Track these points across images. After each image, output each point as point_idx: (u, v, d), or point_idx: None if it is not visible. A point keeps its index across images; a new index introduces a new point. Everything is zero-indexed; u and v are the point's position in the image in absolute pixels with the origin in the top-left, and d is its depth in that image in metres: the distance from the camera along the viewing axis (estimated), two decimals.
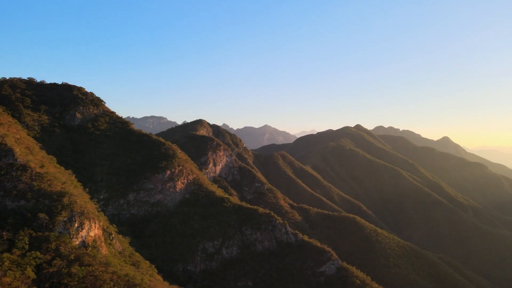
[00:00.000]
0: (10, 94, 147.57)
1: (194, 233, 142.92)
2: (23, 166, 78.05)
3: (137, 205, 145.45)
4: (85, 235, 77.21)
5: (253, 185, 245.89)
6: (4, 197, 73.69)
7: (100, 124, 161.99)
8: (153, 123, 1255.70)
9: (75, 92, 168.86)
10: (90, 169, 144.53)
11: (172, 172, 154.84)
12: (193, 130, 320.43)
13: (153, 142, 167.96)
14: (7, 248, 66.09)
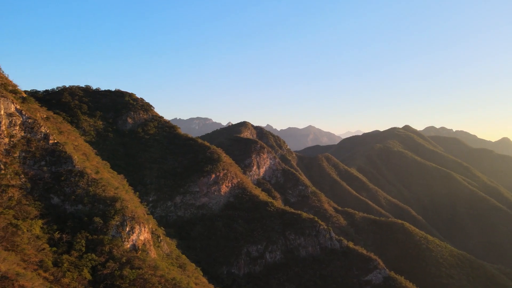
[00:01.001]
0: (69, 101, 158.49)
1: (238, 236, 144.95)
2: (81, 172, 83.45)
3: (184, 207, 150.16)
4: (135, 239, 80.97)
5: (296, 188, 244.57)
6: (64, 201, 79.21)
7: (149, 128, 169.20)
8: (199, 124, 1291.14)
9: (127, 98, 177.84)
10: (140, 172, 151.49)
11: (217, 176, 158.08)
12: (237, 132, 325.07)
13: (198, 146, 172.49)
14: (66, 249, 71.09)
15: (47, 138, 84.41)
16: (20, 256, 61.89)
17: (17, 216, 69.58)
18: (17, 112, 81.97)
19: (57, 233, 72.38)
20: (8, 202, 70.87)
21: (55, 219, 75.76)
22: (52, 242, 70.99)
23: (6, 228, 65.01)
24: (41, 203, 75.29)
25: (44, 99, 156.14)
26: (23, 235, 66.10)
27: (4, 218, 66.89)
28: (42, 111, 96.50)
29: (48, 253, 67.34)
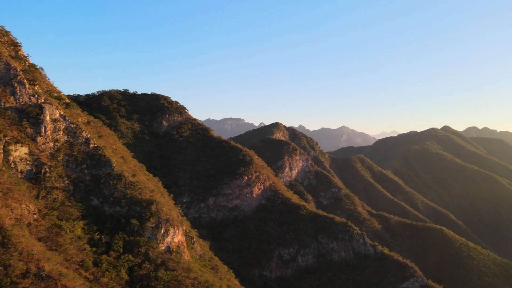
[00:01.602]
0: (108, 105, 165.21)
1: (270, 239, 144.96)
2: (119, 175, 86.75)
3: (216, 209, 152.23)
4: (170, 241, 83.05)
5: (329, 190, 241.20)
6: (103, 203, 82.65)
7: (184, 131, 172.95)
8: (232, 124, 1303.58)
9: (162, 101, 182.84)
10: (175, 174, 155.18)
11: (249, 178, 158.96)
12: (269, 133, 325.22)
13: (231, 148, 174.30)
14: (105, 250, 74.11)
15: (88, 142, 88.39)
16: (63, 255, 65.17)
17: (60, 217, 73.37)
18: (61, 117, 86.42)
19: (96, 234, 75.68)
20: (52, 204, 74.88)
21: (95, 220, 79.20)
22: (92, 243, 74.29)
23: (51, 229, 68.68)
24: (82, 205, 78.94)
25: (86, 103, 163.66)
26: (66, 236, 69.58)
27: (49, 219, 70.72)
28: (83, 116, 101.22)
29: (88, 253, 70.49)
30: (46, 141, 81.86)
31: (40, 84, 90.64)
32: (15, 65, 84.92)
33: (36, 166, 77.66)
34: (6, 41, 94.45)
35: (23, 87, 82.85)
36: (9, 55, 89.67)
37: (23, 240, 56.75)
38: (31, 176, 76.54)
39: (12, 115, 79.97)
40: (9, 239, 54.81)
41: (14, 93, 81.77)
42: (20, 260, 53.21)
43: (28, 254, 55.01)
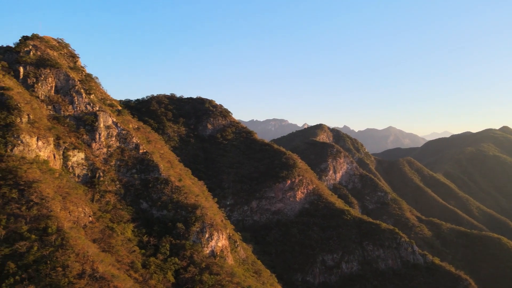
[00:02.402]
0: (156, 109, 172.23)
1: (313, 244, 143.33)
2: (166, 180, 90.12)
3: (259, 212, 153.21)
4: (214, 245, 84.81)
5: (375, 194, 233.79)
6: (152, 207, 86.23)
7: (227, 134, 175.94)
8: (275, 125, 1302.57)
9: (207, 105, 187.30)
10: (219, 176, 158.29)
11: (292, 182, 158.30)
12: (313, 135, 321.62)
13: (274, 151, 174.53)
14: (153, 252, 77.25)
15: (137, 148, 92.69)
16: (115, 257, 68.83)
17: (112, 219, 77.57)
18: (113, 124, 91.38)
19: (145, 236, 79.12)
20: (105, 207, 79.37)
21: (144, 223, 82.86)
22: (141, 245, 77.77)
23: (104, 231, 72.84)
24: (132, 208, 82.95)
25: (136, 107, 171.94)
26: (118, 238, 73.45)
27: (102, 221, 75.07)
28: (133, 122, 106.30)
29: (138, 255, 73.91)
30: (100, 147, 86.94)
31: (95, 92, 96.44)
32: (73, 76, 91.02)
33: (91, 171, 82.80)
34: (65, 53, 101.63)
35: (80, 96, 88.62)
36: (68, 66, 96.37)
37: (79, 242, 60.65)
38: (86, 180, 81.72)
39: (70, 122, 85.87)
40: (67, 241, 58.82)
41: (73, 102, 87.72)
42: (77, 261, 56.90)
43: (84, 256, 58.68)
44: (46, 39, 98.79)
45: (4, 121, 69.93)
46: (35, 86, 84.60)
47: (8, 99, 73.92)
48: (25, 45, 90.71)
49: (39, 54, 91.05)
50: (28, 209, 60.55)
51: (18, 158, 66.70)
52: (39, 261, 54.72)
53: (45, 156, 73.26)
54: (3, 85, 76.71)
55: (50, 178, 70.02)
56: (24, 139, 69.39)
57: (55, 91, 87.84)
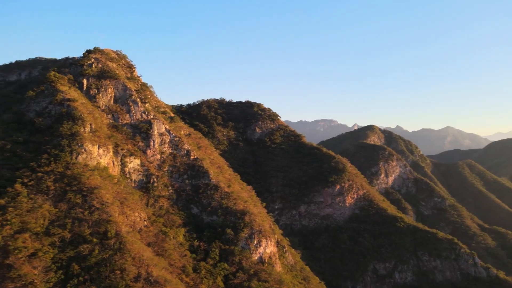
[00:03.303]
0: (206, 114, 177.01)
1: (364, 251, 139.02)
2: (215, 186, 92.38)
3: (308, 217, 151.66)
4: (262, 252, 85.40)
5: (431, 200, 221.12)
6: (202, 212, 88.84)
7: (276, 137, 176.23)
8: (324, 126, 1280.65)
9: (255, 109, 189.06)
10: (267, 180, 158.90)
11: (341, 187, 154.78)
12: (363, 136, 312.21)
13: (323, 155, 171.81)
14: (203, 257, 79.57)
15: (189, 154, 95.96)
16: (168, 260, 71.77)
17: (166, 224, 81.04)
18: (166, 132, 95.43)
19: (196, 241, 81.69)
20: (159, 211, 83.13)
21: (194, 228, 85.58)
22: (192, 249, 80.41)
23: (158, 235, 76.27)
24: (183, 213, 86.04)
25: (187, 112, 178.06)
26: (170, 242, 76.56)
27: (156, 225, 78.71)
28: (185, 128, 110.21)
29: (189, 259, 76.49)
30: (154, 154, 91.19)
31: (150, 101, 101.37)
32: (130, 86, 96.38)
33: (146, 176, 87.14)
34: (123, 64, 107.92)
35: (136, 106, 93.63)
36: (125, 76, 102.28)
37: (135, 246, 64.06)
38: (142, 185, 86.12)
39: (127, 130, 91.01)
40: (124, 245, 62.42)
41: (129, 111, 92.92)
42: (133, 265, 60.18)
43: (139, 260, 61.89)
44: (106, 51, 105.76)
45: (70, 131, 75.84)
46: (97, 96, 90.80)
47: (73, 110, 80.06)
48: (88, 58, 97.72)
49: (100, 66, 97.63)
50: (90, 213, 65.09)
51: (82, 166, 71.96)
52: (99, 263, 58.61)
53: (105, 163, 78.31)
54: (69, 97, 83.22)
55: (110, 184, 74.75)
56: (87, 148, 74.72)
57: (114, 101, 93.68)
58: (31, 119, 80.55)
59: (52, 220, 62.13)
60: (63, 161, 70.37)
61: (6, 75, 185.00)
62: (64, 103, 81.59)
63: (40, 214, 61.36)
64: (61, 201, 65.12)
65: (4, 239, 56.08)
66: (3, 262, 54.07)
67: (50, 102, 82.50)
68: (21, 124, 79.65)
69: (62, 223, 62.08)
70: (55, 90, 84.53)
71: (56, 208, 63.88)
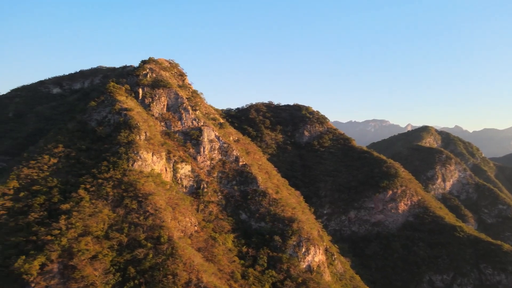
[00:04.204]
0: (255, 117, 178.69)
1: (419, 261, 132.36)
2: (263, 192, 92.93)
3: (358, 223, 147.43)
4: (310, 260, 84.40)
5: (495, 207, 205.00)
6: (250, 218, 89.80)
7: (324, 141, 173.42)
8: (375, 126, 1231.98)
9: (304, 112, 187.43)
10: (316, 184, 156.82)
11: (394, 193, 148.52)
12: (417, 138, 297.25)
13: (374, 159, 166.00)
14: (251, 263, 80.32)
15: (237, 160, 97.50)
16: (217, 266, 73.45)
17: (215, 229, 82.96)
18: (216, 138, 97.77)
19: (244, 247, 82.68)
20: (208, 217, 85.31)
21: (243, 234, 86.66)
22: (240, 255, 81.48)
23: (207, 240, 78.32)
24: (232, 219, 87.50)
25: (236, 116, 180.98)
26: (219, 247, 78.26)
27: (206, 231, 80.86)
28: (234, 134, 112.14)
29: (237, 266, 77.66)
30: (204, 160, 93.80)
31: (200, 108, 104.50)
32: (182, 94, 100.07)
33: (196, 182, 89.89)
34: (175, 72, 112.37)
35: (187, 113, 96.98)
36: (177, 85, 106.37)
37: (187, 252, 66.33)
38: (192, 191, 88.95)
39: (179, 137, 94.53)
40: (176, 251, 64.92)
41: (181, 118, 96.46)
42: (184, 271, 62.37)
43: (190, 265, 64.00)
44: (160, 61, 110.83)
45: (126, 139, 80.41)
46: (151, 105, 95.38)
47: (130, 119, 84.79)
48: (143, 68, 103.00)
49: (154, 76, 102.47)
50: (145, 219, 68.47)
51: (137, 172, 75.96)
52: (153, 267, 61.48)
53: (158, 169, 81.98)
54: (126, 107, 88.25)
55: (162, 190, 78.13)
56: (142, 155, 78.71)
57: (166, 109, 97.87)
58: (93, 128, 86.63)
59: (110, 224, 66.28)
60: (120, 168, 74.80)
61: (71, 84, 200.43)
62: (121, 112, 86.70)
63: (100, 219, 65.73)
64: (118, 206, 69.27)
65: (69, 241, 60.84)
66: (68, 263, 58.68)
67: (109, 111, 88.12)
68: (84, 132, 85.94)
69: (120, 228, 65.99)
70: (114, 100, 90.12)
71: (114, 213, 68.08)
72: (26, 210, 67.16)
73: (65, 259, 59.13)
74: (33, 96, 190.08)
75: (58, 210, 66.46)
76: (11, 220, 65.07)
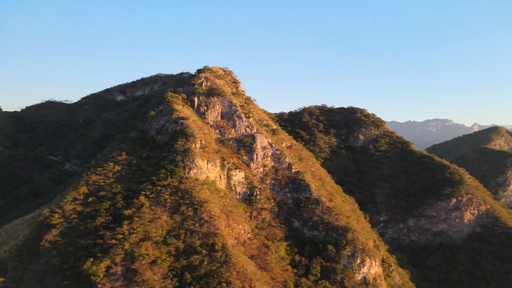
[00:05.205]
0: (308, 121, 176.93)
1: (487, 276, 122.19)
2: (317, 200, 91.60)
3: (418, 232, 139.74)
4: (366, 272, 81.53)
5: None
6: (303, 226, 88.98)
7: (380, 145, 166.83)
8: (436, 126, 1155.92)
9: (358, 115, 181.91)
10: (371, 190, 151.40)
11: (458, 201, 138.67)
12: (485, 140, 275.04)
13: (435, 164, 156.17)
14: (304, 273, 79.45)
15: (290, 167, 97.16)
16: (270, 274, 73.72)
17: (268, 237, 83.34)
18: (268, 145, 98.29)
19: (297, 256, 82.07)
20: (261, 224, 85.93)
21: (295, 242, 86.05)
22: (293, 264, 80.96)
23: (260, 248, 78.93)
24: (285, 226, 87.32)
25: (289, 119, 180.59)
26: (272, 256, 78.44)
27: (259, 238, 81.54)
28: (286, 140, 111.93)
29: (290, 274, 77.26)
30: (257, 167, 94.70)
31: (253, 115, 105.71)
32: (235, 102, 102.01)
33: (249, 189, 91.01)
34: (229, 80, 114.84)
35: (241, 120, 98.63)
36: (231, 92, 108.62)
37: (240, 260, 67.32)
38: (245, 197, 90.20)
39: (232, 144, 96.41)
40: (230, 259, 66.16)
41: (234, 126, 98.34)
42: (238, 279, 63.37)
43: (244, 274, 64.85)
44: (214, 69, 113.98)
45: (183, 147, 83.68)
46: (206, 113, 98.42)
47: (186, 128, 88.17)
48: (198, 78, 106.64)
49: (209, 84, 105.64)
50: (200, 226, 70.66)
51: (193, 180, 78.64)
52: (208, 274, 63.18)
53: (213, 177, 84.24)
54: (182, 115, 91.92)
55: (217, 197, 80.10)
56: (197, 163, 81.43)
57: (221, 117, 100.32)
58: (152, 136, 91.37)
59: (168, 230, 69.30)
60: (177, 175, 77.99)
61: (133, 91, 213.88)
62: (178, 121, 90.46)
63: (159, 225, 69.04)
64: (175, 213, 72.25)
65: (131, 246, 64.63)
66: (130, 266, 62.35)
67: (167, 120, 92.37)
68: (144, 140, 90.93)
69: (177, 234, 68.74)
70: (171, 109, 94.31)
71: (172, 219, 71.09)
72: (93, 214, 72.56)
73: (127, 262, 62.91)
74: (100, 104, 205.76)
75: (122, 215, 70.88)
76: (81, 224, 70.69)
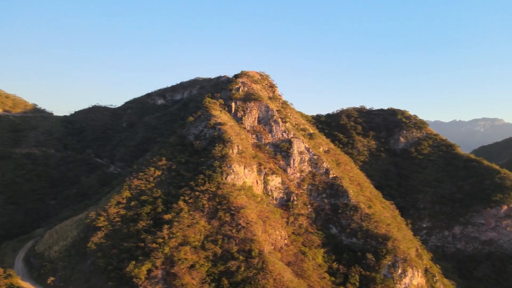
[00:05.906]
0: (346, 123, 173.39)
1: None
2: (355, 207, 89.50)
3: (464, 240, 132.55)
4: (408, 283, 78.57)
5: None
6: (341, 233, 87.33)
7: (423, 148, 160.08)
8: (485, 126, 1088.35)
9: (399, 116, 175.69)
10: (413, 195, 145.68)
11: (510, 208, 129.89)
12: None
13: (484, 169, 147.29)
14: (342, 281, 77.96)
15: (327, 172, 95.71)
16: (307, 282, 72.96)
17: (304, 243, 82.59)
18: (305, 150, 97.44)
19: (335, 263, 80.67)
20: (298, 230, 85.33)
21: (333, 249, 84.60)
22: (331, 271, 79.66)
23: (297, 255, 78.36)
24: (322, 233, 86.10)
25: (326, 122, 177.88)
26: (309, 263, 77.62)
27: (296, 244, 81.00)
28: (324, 145, 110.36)
29: (328, 283, 76.08)
30: (294, 172, 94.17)
31: (290, 120, 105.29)
32: (272, 107, 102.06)
33: (286, 194, 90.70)
34: (266, 84, 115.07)
35: (277, 125, 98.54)
36: (268, 97, 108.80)
37: (277, 267, 67.19)
38: (282, 203, 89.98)
39: (269, 149, 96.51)
40: (266, 265, 66.22)
41: (271, 131, 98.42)
42: (274, 286, 63.32)
43: (280, 281, 64.66)
44: (251, 74, 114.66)
45: (220, 153, 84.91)
46: (243, 118, 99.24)
47: (223, 133, 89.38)
48: (235, 83, 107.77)
49: (246, 89, 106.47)
50: (237, 231, 71.31)
51: (230, 185, 79.57)
52: (245, 281, 63.63)
53: (250, 182, 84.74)
54: (220, 121, 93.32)
55: (254, 202, 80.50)
56: (235, 168, 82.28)
57: (257, 121, 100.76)
58: (191, 142, 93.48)
59: (206, 236, 70.57)
60: (215, 181, 79.25)
61: (173, 95, 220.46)
62: (216, 127, 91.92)
63: (197, 230, 70.50)
64: (213, 218, 73.42)
65: (171, 250, 66.51)
66: (170, 270, 64.18)
67: (205, 126, 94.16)
68: (183, 146, 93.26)
69: (214, 239, 69.85)
70: (209, 115, 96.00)
71: (210, 224, 72.34)
72: (136, 218, 75.50)
73: (167, 266, 64.80)
74: (142, 108, 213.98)
75: (162, 220, 73.13)
76: (124, 227, 73.80)
